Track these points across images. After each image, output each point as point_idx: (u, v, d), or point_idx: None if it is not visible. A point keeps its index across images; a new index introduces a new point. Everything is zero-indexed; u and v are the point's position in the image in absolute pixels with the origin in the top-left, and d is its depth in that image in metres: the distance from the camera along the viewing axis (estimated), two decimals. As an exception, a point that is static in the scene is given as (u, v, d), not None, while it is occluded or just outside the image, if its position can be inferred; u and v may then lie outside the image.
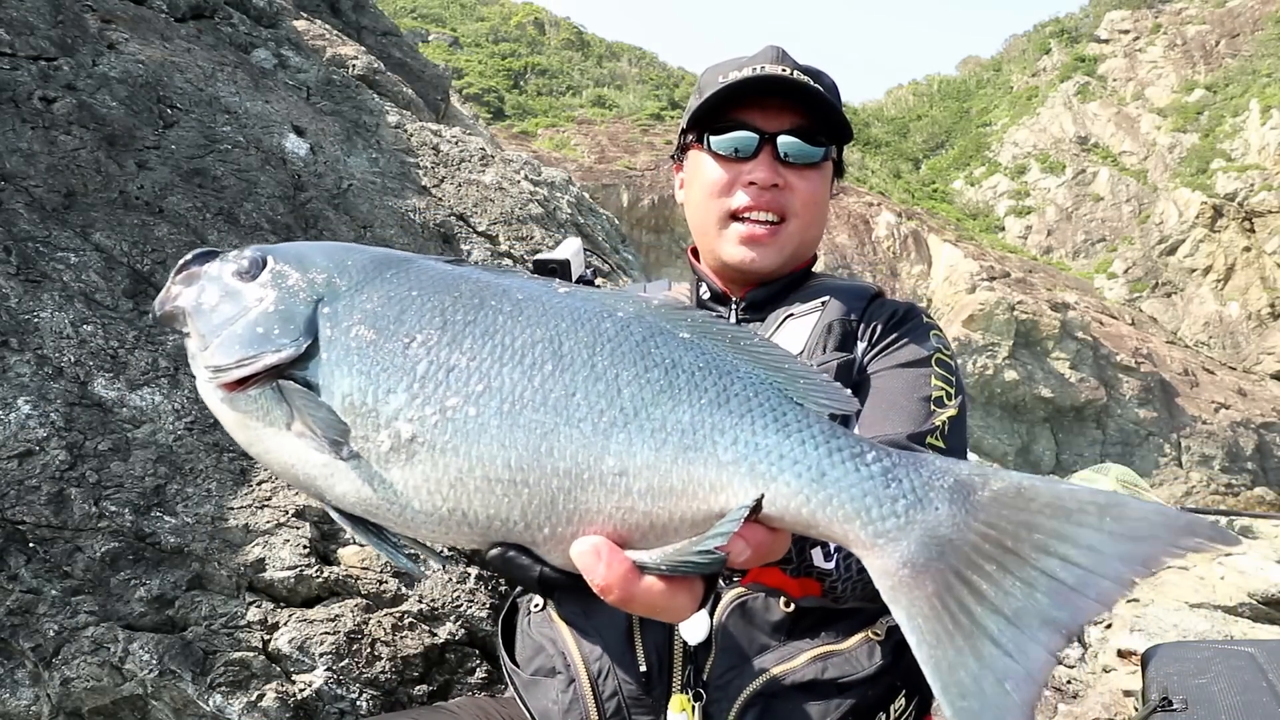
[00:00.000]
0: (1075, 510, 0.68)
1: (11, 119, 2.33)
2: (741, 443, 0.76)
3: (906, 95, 55.02)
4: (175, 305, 0.88)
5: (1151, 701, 1.53)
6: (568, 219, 3.79)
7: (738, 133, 1.49)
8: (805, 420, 0.77)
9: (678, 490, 0.75)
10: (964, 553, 0.70)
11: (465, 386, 0.77)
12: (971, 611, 0.68)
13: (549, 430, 0.76)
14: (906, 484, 0.73)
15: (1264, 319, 30.34)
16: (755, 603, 1.32)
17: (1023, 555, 0.68)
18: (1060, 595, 0.67)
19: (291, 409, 0.80)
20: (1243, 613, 6.06)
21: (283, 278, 0.85)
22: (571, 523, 0.76)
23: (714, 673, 1.30)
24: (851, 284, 1.58)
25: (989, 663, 0.66)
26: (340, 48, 4.02)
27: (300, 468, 0.81)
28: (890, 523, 0.72)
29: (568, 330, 0.81)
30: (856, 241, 29.48)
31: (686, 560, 0.73)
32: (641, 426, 0.76)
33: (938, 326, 1.52)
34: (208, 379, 0.85)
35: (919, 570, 0.71)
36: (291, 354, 0.80)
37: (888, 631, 1.33)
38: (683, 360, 0.80)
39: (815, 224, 1.56)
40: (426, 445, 0.77)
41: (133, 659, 1.61)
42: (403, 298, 0.82)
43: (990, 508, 0.71)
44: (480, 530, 0.78)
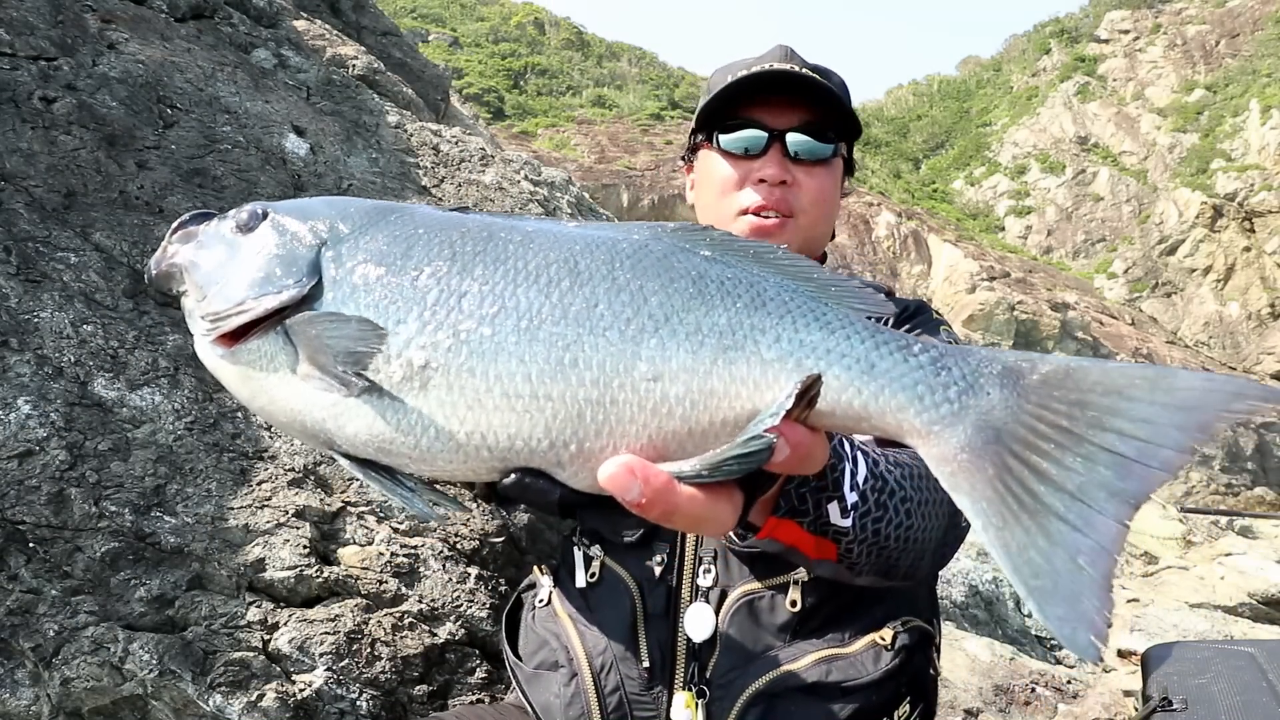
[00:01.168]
0: (1126, 385, 0.69)
1: (11, 119, 2.33)
2: (785, 339, 0.74)
3: (906, 95, 55.02)
4: (172, 263, 0.85)
5: (1151, 701, 1.53)
6: (568, 219, 3.79)
7: (746, 130, 1.49)
8: (847, 317, 0.76)
9: (718, 392, 0.73)
10: (1020, 434, 0.70)
11: (479, 309, 0.75)
12: (1034, 491, 0.68)
13: (571, 341, 0.74)
14: (956, 371, 0.73)
15: (1264, 319, 30.35)
16: (761, 602, 1.31)
17: (1079, 433, 0.68)
18: (1123, 467, 0.67)
19: (300, 345, 0.77)
20: (1243, 613, 6.06)
21: (284, 226, 0.83)
22: (601, 435, 0.73)
23: (717, 671, 1.30)
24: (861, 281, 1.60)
25: (1059, 539, 0.66)
26: (340, 48, 4.02)
27: (307, 413, 0.78)
28: (944, 409, 0.72)
29: (582, 251, 0.78)
30: (856, 241, 29.48)
31: (731, 457, 0.71)
32: (674, 331, 0.74)
33: (947, 323, 1.51)
34: (206, 330, 0.81)
35: (977, 454, 0.70)
36: (296, 294, 0.78)
37: (894, 637, 1.32)
38: (709, 271, 0.78)
39: (824, 221, 1.56)
40: (441, 369, 0.74)
41: (133, 659, 1.62)
42: (409, 235, 0.80)
43: (1041, 390, 0.71)
44: (501, 454, 0.75)
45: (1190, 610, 5.80)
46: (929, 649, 1.40)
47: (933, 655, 1.41)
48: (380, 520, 2.05)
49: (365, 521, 2.02)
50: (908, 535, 1.15)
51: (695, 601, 1.31)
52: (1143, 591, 6.45)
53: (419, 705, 1.81)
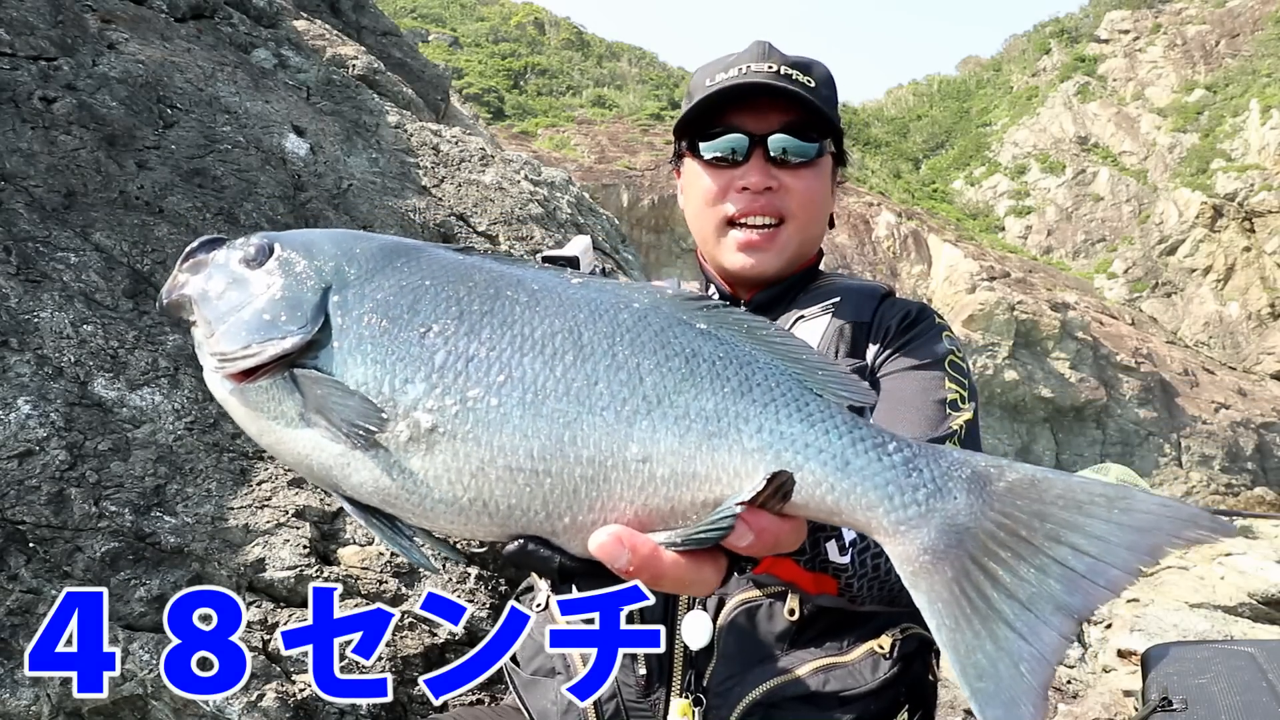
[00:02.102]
0: (1086, 501, 0.72)
1: (11, 119, 2.33)
2: (766, 430, 0.77)
3: (906, 95, 55.00)
4: (181, 294, 0.86)
5: (1151, 701, 1.53)
6: (568, 219, 3.79)
7: (727, 137, 1.46)
8: (828, 410, 0.78)
9: (701, 476, 0.76)
10: (981, 540, 0.73)
11: (486, 376, 0.77)
12: (988, 596, 0.71)
13: (572, 419, 0.76)
14: (927, 473, 0.75)
15: (1264, 319, 30.33)
16: (759, 611, 1.30)
17: (1036, 544, 0.71)
18: (1072, 582, 0.70)
19: (305, 398, 0.78)
20: (1243, 613, 6.05)
21: (290, 264, 0.83)
22: (594, 510, 0.76)
23: (714, 679, 1.28)
24: (861, 284, 1.56)
25: (1004, 645, 0.70)
26: (340, 48, 4.02)
27: (315, 458, 0.79)
28: (912, 510, 0.75)
29: (586, 321, 0.81)
30: (856, 241, 29.47)
31: (698, 536, 0.74)
32: (665, 414, 0.77)
33: (949, 328, 1.49)
34: (214, 368, 0.83)
35: (939, 556, 0.73)
36: (299, 341, 0.79)
37: (892, 645, 1.31)
38: (703, 349, 0.81)
39: (815, 222, 1.53)
40: (448, 435, 0.76)
41: (133, 659, 1.61)
42: (416, 286, 0.81)
43: (1006, 498, 0.74)
44: (500, 521, 0.77)
45: (1190, 610, 5.80)
46: (928, 655, 1.39)
47: (932, 661, 1.40)
48: (380, 520, 2.05)
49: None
50: None
51: (693, 609, 1.30)
52: (1143, 591, 6.45)
53: (419, 705, 1.81)
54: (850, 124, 46.24)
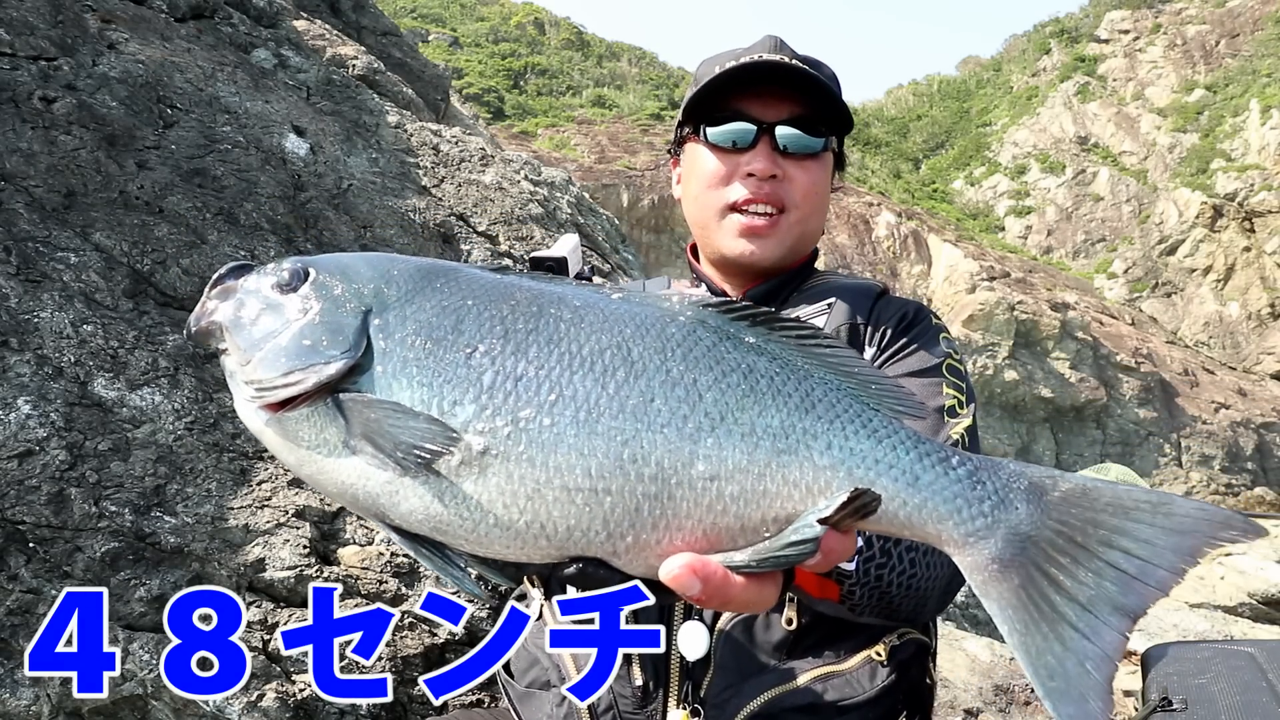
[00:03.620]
0: (1132, 508, 0.76)
1: (11, 119, 2.33)
2: (836, 447, 0.78)
3: (906, 95, 54.99)
4: (211, 320, 0.83)
5: (1151, 701, 1.53)
6: (568, 219, 3.79)
7: (735, 123, 1.44)
8: (891, 425, 0.80)
9: (772, 493, 0.77)
10: (1041, 548, 0.77)
11: (537, 396, 0.76)
12: (1052, 600, 0.75)
13: (630, 437, 0.76)
14: (989, 486, 0.78)
15: (1264, 319, 30.33)
16: (756, 620, 1.29)
17: (1091, 549, 0.76)
18: (1125, 583, 0.75)
19: (351, 424, 0.75)
20: (1243, 613, 6.06)
21: (327, 288, 0.81)
22: (657, 529, 0.76)
23: (712, 690, 1.27)
24: (856, 282, 1.54)
25: (1070, 646, 0.74)
26: (340, 48, 4.02)
27: (361, 487, 0.77)
28: (979, 522, 0.77)
29: (634, 336, 0.80)
30: (856, 241, 29.47)
31: (779, 554, 0.75)
32: (730, 431, 0.77)
33: (946, 329, 1.48)
34: (250, 397, 0.79)
35: (1006, 565, 0.77)
36: (343, 366, 0.76)
37: (890, 652, 1.30)
38: (758, 365, 0.81)
39: (815, 215, 1.51)
40: (501, 457, 0.74)
41: (133, 659, 1.61)
42: (458, 306, 0.80)
43: (1061, 506, 0.78)
44: (559, 543, 0.76)
45: (1190, 610, 5.80)
46: (925, 659, 1.38)
47: (929, 665, 1.39)
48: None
49: (365, 521, 2.02)
50: (911, 583, 1.16)
51: (689, 619, 1.29)
52: (1143, 591, 6.42)
53: (419, 705, 1.81)
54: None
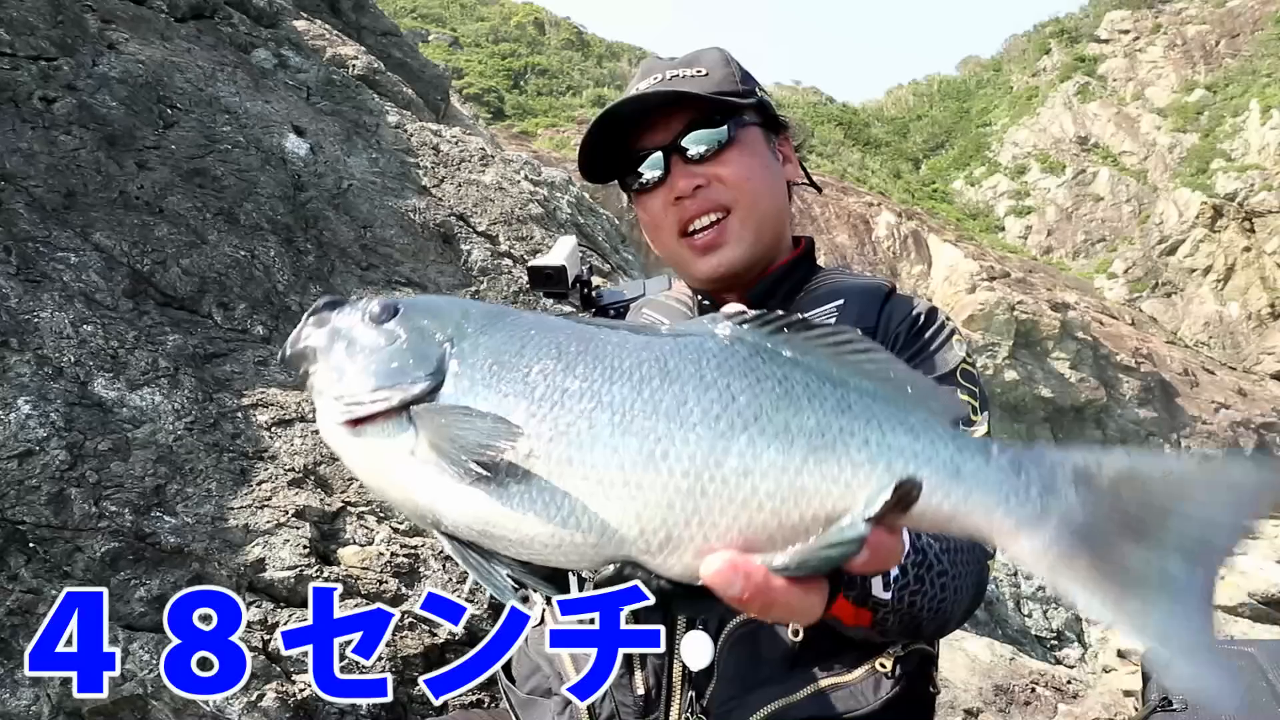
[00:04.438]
0: (1183, 478, 0.78)
1: (11, 119, 2.33)
2: (873, 444, 0.79)
3: (906, 95, 54.98)
4: (307, 344, 0.92)
5: (1151, 701, 1.53)
6: (568, 219, 3.79)
7: (645, 162, 1.45)
8: (928, 421, 0.82)
9: (810, 491, 0.78)
10: (1099, 527, 0.77)
11: (578, 404, 0.82)
12: (1129, 568, 0.76)
13: (662, 435, 0.80)
14: (1034, 473, 0.79)
15: (1264, 319, 30.33)
16: (761, 631, 1.27)
17: (1150, 521, 0.77)
18: (1192, 550, 0.76)
19: (420, 433, 0.83)
20: (1243, 613, 6.06)
21: (414, 321, 0.90)
22: (690, 525, 0.78)
23: (715, 700, 1.26)
24: (863, 282, 1.53)
25: (1164, 607, 0.75)
26: (340, 48, 4.02)
27: (421, 493, 0.84)
28: (1029, 509, 0.78)
29: (672, 351, 0.85)
30: (856, 241, 29.47)
31: (823, 553, 0.76)
32: (764, 429, 0.80)
33: (958, 330, 1.46)
34: (339, 413, 0.87)
35: (1066, 547, 0.77)
36: (427, 387, 0.84)
37: (895, 664, 1.29)
38: (793, 374, 0.84)
39: (762, 198, 1.48)
40: (543, 459, 0.80)
41: (133, 659, 1.61)
42: (522, 335, 0.88)
43: (1111, 488, 0.78)
44: (595, 539, 0.80)
45: (1190, 610, 5.78)
46: (928, 668, 1.37)
47: (932, 674, 1.38)
48: (380, 520, 2.05)
49: (365, 521, 2.02)
50: (939, 607, 1.16)
51: (693, 629, 1.28)
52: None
53: (419, 705, 1.81)
54: (850, 124, 46.20)
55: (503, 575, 0.84)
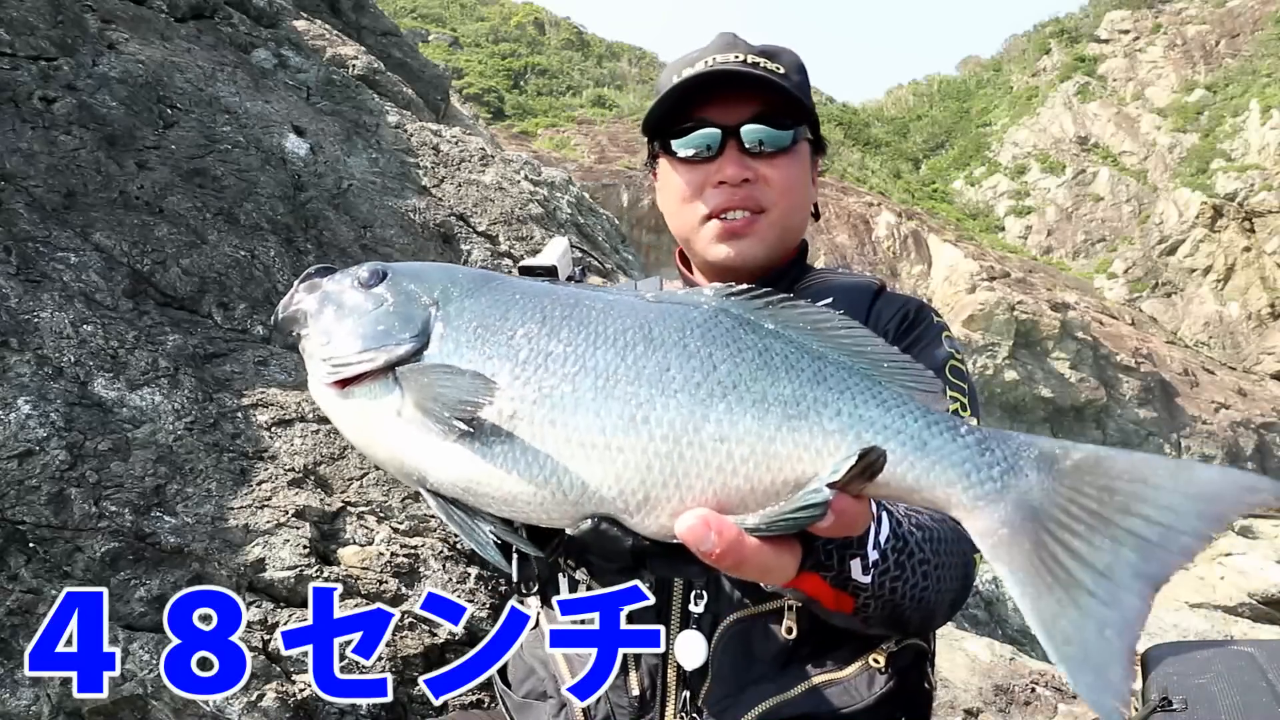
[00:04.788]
0: (1151, 474, 0.76)
1: (11, 119, 2.33)
2: (845, 414, 0.82)
3: (906, 95, 54.97)
4: (298, 308, 0.94)
5: (1151, 701, 1.52)
6: (568, 219, 3.79)
7: (699, 132, 1.41)
8: (900, 396, 0.84)
9: (782, 456, 0.81)
10: (1055, 514, 0.77)
11: (561, 368, 0.84)
12: (1066, 566, 0.75)
13: (644, 400, 0.82)
14: (999, 453, 0.80)
15: (1264, 319, 30.32)
16: (754, 629, 1.28)
17: (1108, 516, 0.75)
18: (1146, 550, 0.74)
19: (406, 393, 0.85)
20: (1243, 613, 6.07)
21: (401, 285, 0.92)
22: (668, 487, 0.81)
23: (710, 699, 1.26)
24: (853, 280, 1.53)
25: (1088, 611, 0.73)
26: (340, 48, 4.02)
27: (406, 452, 0.86)
28: (988, 486, 0.79)
29: (656, 319, 0.87)
30: (856, 241, 29.47)
31: (790, 515, 0.78)
32: (741, 397, 0.82)
33: (947, 327, 1.46)
34: (326, 374, 0.89)
35: (1016, 530, 0.78)
36: (412, 349, 0.87)
37: (888, 659, 1.29)
38: (774, 345, 0.86)
39: (796, 210, 1.48)
40: (526, 420, 0.83)
41: (133, 659, 1.62)
42: (507, 300, 0.90)
43: (1073, 475, 0.78)
44: (575, 499, 0.82)
45: (1190, 610, 5.81)
46: (923, 664, 1.37)
47: (927, 670, 1.38)
48: (380, 520, 2.05)
49: (365, 521, 2.02)
50: (922, 596, 1.15)
51: (686, 628, 1.28)
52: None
53: (419, 705, 1.81)
54: (850, 124, 46.19)
55: (485, 532, 0.86)
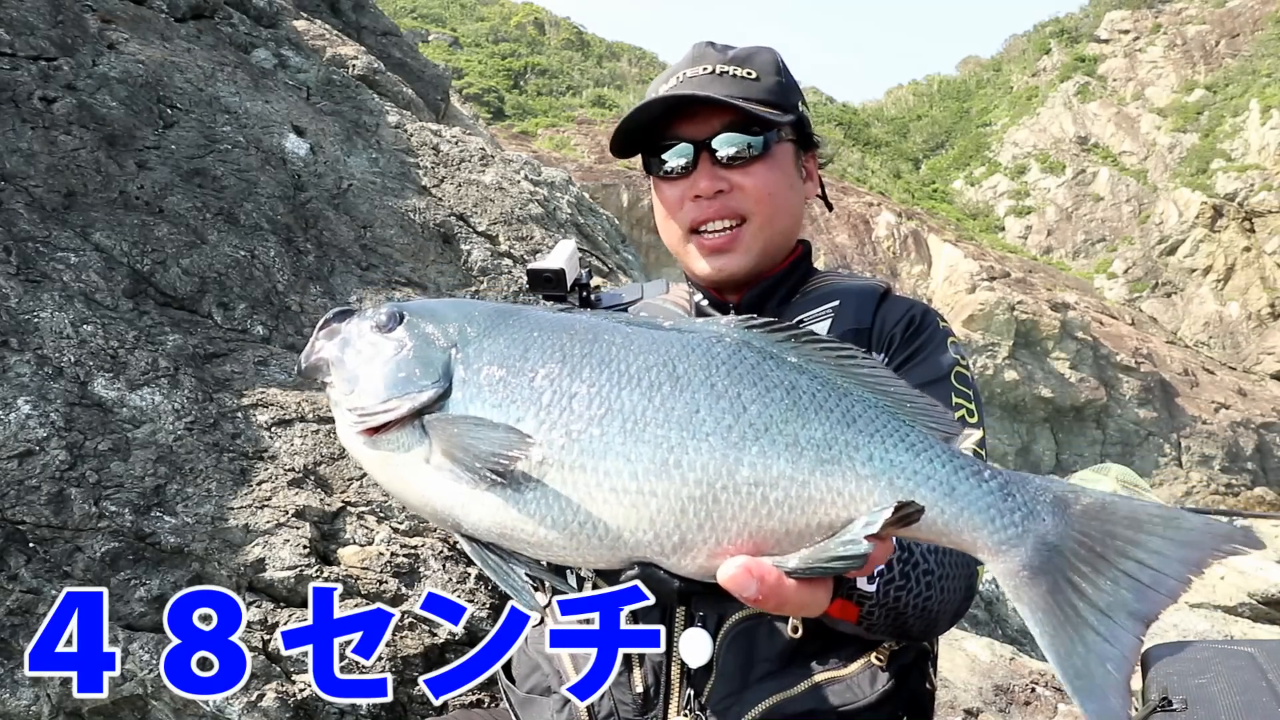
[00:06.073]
0: (1145, 521, 0.83)
1: (11, 119, 2.33)
2: (877, 459, 0.84)
3: (906, 95, 54.97)
4: (320, 357, 0.95)
5: (1151, 701, 1.52)
6: (568, 219, 3.79)
7: (673, 149, 1.43)
8: (927, 439, 0.87)
9: (816, 500, 0.83)
10: (1066, 557, 0.84)
11: (588, 410, 0.85)
12: (1076, 606, 0.82)
13: (675, 444, 0.83)
14: (1019, 498, 0.85)
15: (1264, 319, 30.32)
16: (759, 628, 1.28)
17: (1109, 559, 0.83)
18: (1140, 591, 0.82)
19: (434, 442, 0.86)
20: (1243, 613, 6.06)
21: (418, 328, 0.93)
22: (703, 529, 0.83)
23: (713, 697, 1.27)
24: (858, 284, 1.53)
25: (1094, 648, 0.81)
26: (340, 48, 4.02)
27: (438, 499, 0.87)
28: (1011, 531, 0.84)
29: (680, 355, 0.88)
30: (856, 241, 29.47)
31: (828, 564, 0.81)
32: (774, 440, 0.84)
33: (952, 332, 1.47)
34: (352, 423, 0.90)
35: (1035, 572, 0.83)
36: (433, 396, 0.87)
37: (890, 657, 1.30)
38: (800, 382, 0.88)
39: (780, 214, 1.48)
40: (556, 465, 0.83)
41: (133, 659, 1.62)
42: (526, 339, 0.90)
43: (1082, 519, 0.84)
44: (610, 543, 0.84)
45: (1190, 610, 5.81)
46: (925, 665, 1.38)
47: (929, 670, 1.39)
48: (380, 520, 2.05)
49: (365, 521, 2.02)
50: (926, 605, 1.17)
51: (691, 626, 1.28)
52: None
53: (419, 705, 1.81)
54: (850, 124, 46.19)
55: (520, 575, 0.87)
